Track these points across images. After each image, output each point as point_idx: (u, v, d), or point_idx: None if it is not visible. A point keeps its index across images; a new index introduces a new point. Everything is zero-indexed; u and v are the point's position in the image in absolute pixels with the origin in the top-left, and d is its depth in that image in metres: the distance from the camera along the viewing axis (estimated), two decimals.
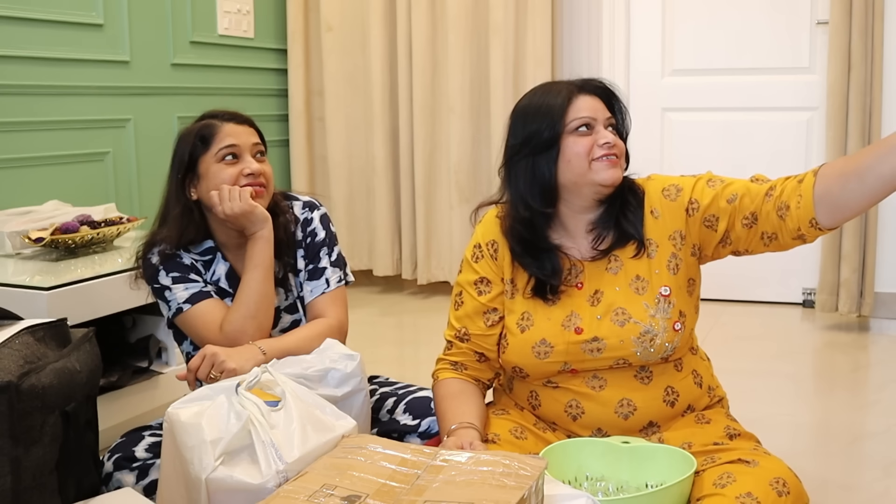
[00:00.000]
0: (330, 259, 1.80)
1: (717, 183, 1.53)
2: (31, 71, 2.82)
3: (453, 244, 3.87)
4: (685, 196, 1.54)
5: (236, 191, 1.68)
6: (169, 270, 1.74)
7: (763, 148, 3.62)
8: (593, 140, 1.51)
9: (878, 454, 2.20)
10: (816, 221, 1.40)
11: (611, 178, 1.51)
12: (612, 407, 1.52)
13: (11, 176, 2.78)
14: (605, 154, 1.50)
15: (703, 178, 1.55)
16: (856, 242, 3.31)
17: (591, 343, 1.50)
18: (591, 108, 1.53)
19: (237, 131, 1.74)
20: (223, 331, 1.68)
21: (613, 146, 1.51)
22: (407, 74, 3.87)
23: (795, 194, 1.42)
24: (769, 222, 1.45)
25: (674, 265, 1.53)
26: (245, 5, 3.78)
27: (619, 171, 1.53)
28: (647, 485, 1.42)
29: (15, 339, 1.47)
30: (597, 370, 1.52)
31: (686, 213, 1.53)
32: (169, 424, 1.34)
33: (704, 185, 1.53)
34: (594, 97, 1.55)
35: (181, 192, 1.74)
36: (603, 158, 1.50)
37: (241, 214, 1.68)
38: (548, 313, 1.54)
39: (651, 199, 1.56)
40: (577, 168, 1.51)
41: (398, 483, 1.15)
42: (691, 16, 3.71)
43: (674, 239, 1.53)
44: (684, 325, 1.51)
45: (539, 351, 1.53)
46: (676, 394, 1.54)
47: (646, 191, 1.57)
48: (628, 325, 1.49)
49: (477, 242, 1.63)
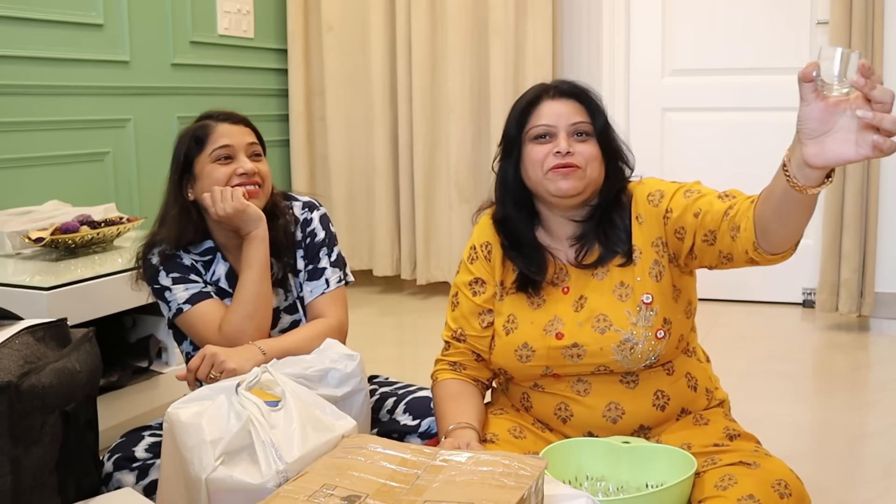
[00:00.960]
0: (330, 259, 1.80)
1: (693, 194, 1.46)
2: (31, 71, 2.82)
3: (453, 244, 3.87)
4: (664, 203, 1.50)
5: (228, 191, 1.68)
6: (169, 271, 1.74)
7: (763, 148, 3.62)
8: (549, 149, 1.49)
9: (878, 454, 2.20)
10: (758, 245, 1.30)
11: (562, 189, 1.48)
12: (599, 411, 1.52)
13: (11, 176, 2.78)
14: (557, 164, 1.48)
15: (684, 188, 1.50)
16: (856, 242, 3.31)
17: (571, 349, 1.50)
18: (552, 115, 1.51)
19: (231, 131, 1.74)
20: (222, 332, 1.68)
21: (568, 155, 1.48)
22: (407, 74, 3.87)
23: (745, 216, 1.33)
24: (724, 242, 1.37)
25: (657, 272, 1.50)
26: (245, 5, 3.78)
27: (573, 182, 1.48)
28: (647, 485, 1.42)
29: (15, 339, 1.47)
30: (580, 375, 1.52)
31: (663, 220, 1.49)
32: (169, 424, 1.34)
33: (681, 195, 1.48)
34: (564, 101, 1.52)
35: (179, 192, 1.75)
36: (555, 169, 1.48)
37: (234, 214, 1.68)
38: (531, 317, 1.54)
39: (638, 204, 1.54)
40: (534, 176, 1.52)
41: (398, 483, 1.15)
42: (691, 16, 3.71)
43: (656, 246, 1.51)
44: (669, 332, 1.49)
45: (521, 354, 1.53)
46: (667, 397, 1.53)
47: (634, 195, 1.55)
48: (609, 332, 1.48)
49: (472, 244, 1.63)
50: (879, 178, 3.32)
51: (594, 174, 1.51)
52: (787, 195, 1.20)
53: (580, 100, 1.54)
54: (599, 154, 1.52)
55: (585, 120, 1.52)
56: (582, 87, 1.55)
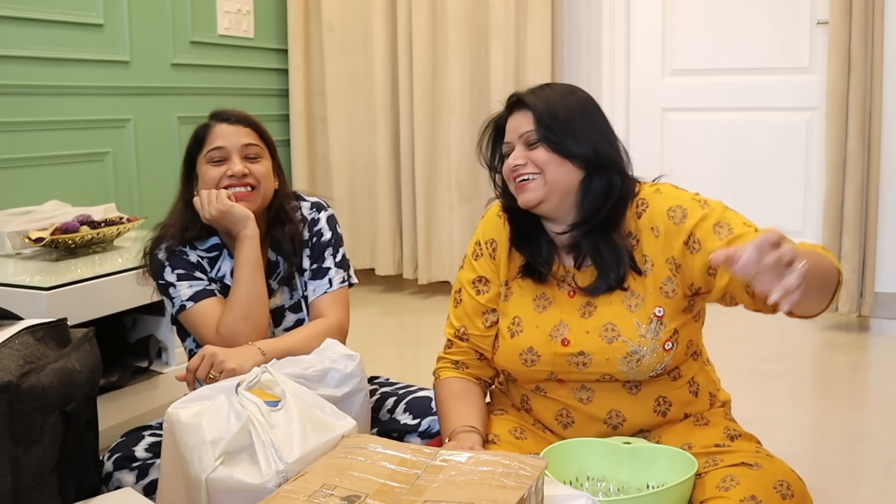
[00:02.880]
0: (335, 260, 1.81)
1: (725, 231, 1.41)
2: (31, 71, 2.82)
3: (453, 244, 3.87)
4: (687, 226, 1.43)
5: (214, 193, 1.70)
6: (174, 267, 1.75)
7: (763, 148, 3.62)
8: (508, 162, 1.50)
9: (878, 454, 2.19)
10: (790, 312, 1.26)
11: (521, 200, 1.48)
12: (601, 418, 1.51)
13: (11, 176, 2.78)
14: (514, 177, 1.49)
15: (711, 218, 1.43)
16: (856, 242, 3.31)
17: (577, 357, 1.48)
18: (509, 131, 1.51)
19: (227, 132, 1.74)
20: (219, 332, 1.68)
21: (518, 167, 1.47)
22: (407, 74, 3.87)
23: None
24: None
25: (670, 289, 1.46)
26: (245, 5, 3.78)
27: (529, 193, 1.47)
28: (648, 486, 1.42)
29: (15, 339, 1.47)
30: (584, 381, 1.51)
31: (685, 246, 1.44)
32: (169, 424, 1.34)
33: (710, 229, 1.41)
34: (517, 112, 1.51)
35: (185, 189, 1.78)
36: (516, 181, 1.49)
37: (219, 216, 1.69)
38: (537, 321, 1.52)
39: (654, 216, 1.47)
40: (511, 189, 1.52)
41: (398, 483, 1.15)
42: (691, 16, 3.71)
43: (670, 264, 1.46)
44: (677, 342, 1.47)
45: (526, 358, 1.51)
46: (668, 403, 1.52)
47: (650, 206, 1.49)
48: (616, 342, 1.46)
49: (477, 240, 1.62)
50: (879, 178, 3.31)
51: (554, 177, 1.46)
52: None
53: (526, 107, 1.49)
54: (554, 156, 1.46)
55: (531, 129, 1.47)
56: (527, 94, 1.51)
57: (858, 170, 3.27)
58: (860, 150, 3.26)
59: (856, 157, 3.26)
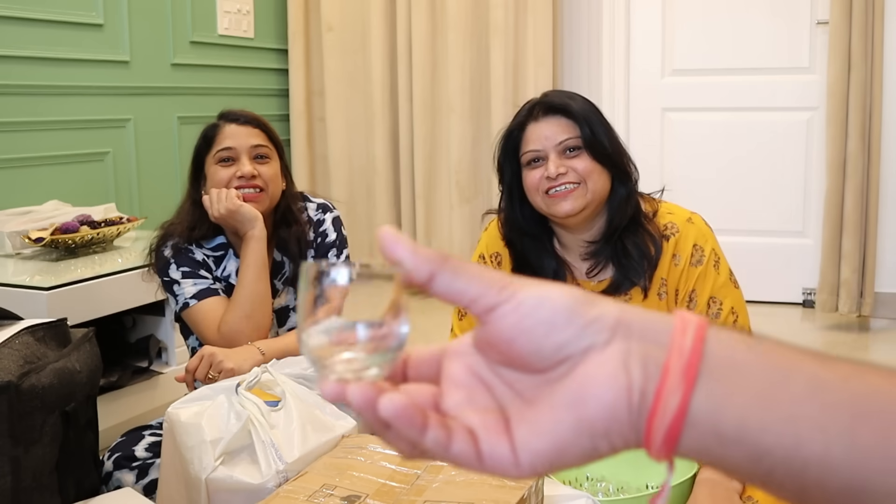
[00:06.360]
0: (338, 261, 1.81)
1: (713, 309, 1.47)
2: (31, 71, 2.82)
3: (453, 244, 3.87)
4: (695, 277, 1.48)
5: (223, 192, 1.70)
6: (180, 265, 1.75)
7: (763, 148, 3.62)
8: (543, 172, 1.47)
9: None
10: None
11: (563, 210, 1.46)
12: None
13: (11, 176, 2.78)
14: (551, 187, 1.46)
15: (712, 290, 1.48)
16: (856, 242, 3.31)
17: None
18: (538, 138, 1.48)
19: (236, 133, 1.74)
20: (220, 331, 1.68)
21: (560, 176, 1.45)
22: (407, 74, 3.87)
23: None
24: None
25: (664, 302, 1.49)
26: (245, 5, 3.78)
27: (572, 202, 1.45)
28: (647, 486, 1.42)
29: (15, 339, 1.47)
30: None
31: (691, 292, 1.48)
32: (169, 424, 1.34)
33: (705, 304, 1.47)
34: (549, 120, 1.48)
35: (193, 188, 1.79)
36: (551, 192, 1.46)
37: (228, 215, 1.69)
38: None
39: (679, 244, 1.49)
40: (536, 200, 1.50)
41: (398, 483, 1.15)
42: (691, 16, 3.71)
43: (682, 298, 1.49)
44: None
45: None
46: None
47: (681, 234, 1.50)
48: None
49: (481, 253, 1.61)
50: (879, 178, 3.32)
51: (596, 186, 1.47)
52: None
53: (565, 114, 1.49)
54: (596, 165, 1.47)
55: (573, 135, 1.47)
56: (564, 100, 1.50)
57: (858, 170, 3.27)
58: (860, 150, 3.26)
59: (856, 157, 3.26)
